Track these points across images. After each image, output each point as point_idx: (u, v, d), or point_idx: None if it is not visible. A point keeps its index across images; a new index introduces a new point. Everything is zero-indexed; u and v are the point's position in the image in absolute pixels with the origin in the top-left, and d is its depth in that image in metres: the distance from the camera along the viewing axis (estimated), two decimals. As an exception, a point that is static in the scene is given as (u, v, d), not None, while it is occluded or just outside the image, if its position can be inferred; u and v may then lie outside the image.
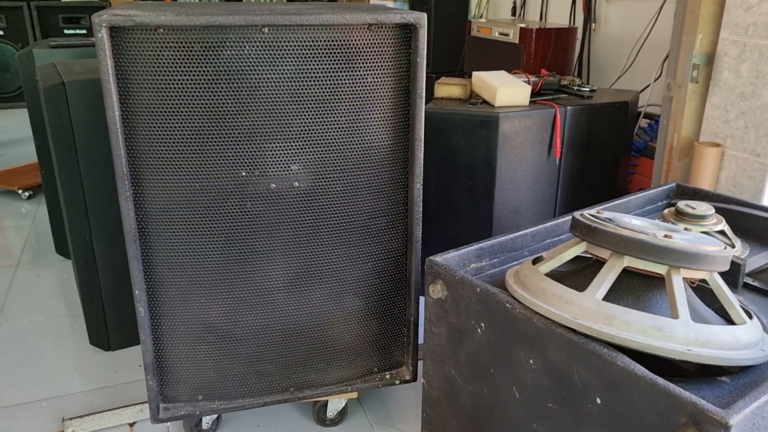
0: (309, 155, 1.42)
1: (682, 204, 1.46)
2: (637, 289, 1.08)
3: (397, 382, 1.69)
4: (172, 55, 1.27)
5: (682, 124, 2.08)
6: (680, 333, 0.97)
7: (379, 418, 1.81)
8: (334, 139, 1.42)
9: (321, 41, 1.34)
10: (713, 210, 1.44)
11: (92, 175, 1.87)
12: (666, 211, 1.51)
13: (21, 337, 2.18)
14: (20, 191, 3.49)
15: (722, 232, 1.41)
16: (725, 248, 1.08)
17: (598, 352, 0.97)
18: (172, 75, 1.28)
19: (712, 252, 1.03)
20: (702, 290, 1.18)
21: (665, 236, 1.06)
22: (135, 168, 1.34)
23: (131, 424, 1.77)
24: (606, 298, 1.04)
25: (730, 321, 1.09)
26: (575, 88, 2.39)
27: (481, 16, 4.41)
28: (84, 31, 5.65)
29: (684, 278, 1.06)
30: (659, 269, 1.05)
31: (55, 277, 2.61)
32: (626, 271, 1.08)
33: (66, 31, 5.62)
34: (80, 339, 2.16)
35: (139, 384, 1.94)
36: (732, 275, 1.28)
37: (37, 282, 2.57)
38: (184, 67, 1.28)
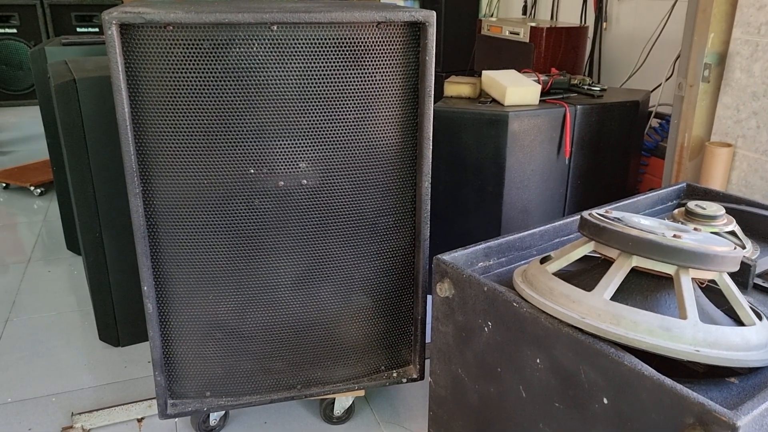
0: (317, 153, 1.42)
1: (692, 204, 1.44)
2: (645, 289, 1.07)
3: (404, 380, 1.69)
4: (181, 53, 1.27)
5: (693, 124, 2.06)
6: (688, 333, 0.96)
7: (386, 416, 1.81)
8: (343, 137, 1.42)
9: (330, 39, 1.34)
10: (724, 210, 1.43)
11: (103, 172, 1.89)
12: (676, 211, 1.50)
13: (31, 332, 2.20)
14: (32, 188, 3.52)
15: (733, 233, 1.40)
16: (735, 249, 1.08)
17: (606, 352, 0.97)
18: (182, 72, 1.29)
19: (722, 252, 1.02)
20: (711, 291, 1.17)
21: (674, 236, 1.05)
22: (144, 165, 1.35)
23: (140, 420, 1.78)
24: (614, 298, 1.04)
25: (739, 322, 1.08)
26: (585, 87, 2.38)
27: (491, 15, 4.40)
28: (96, 29, 5.68)
29: (693, 279, 1.05)
30: (668, 269, 1.04)
31: (65, 273, 2.63)
32: (634, 271, 1.07)
33: (78, 29, 5.66)
34: (90, 335, 2.18)
35: (148, 380, 1.95)
36: (742, 276, 1.27)
37: (48, 278, 2.59)
38: (193, 64, 1.29)
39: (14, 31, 5.46)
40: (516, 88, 2.14)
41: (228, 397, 1.59)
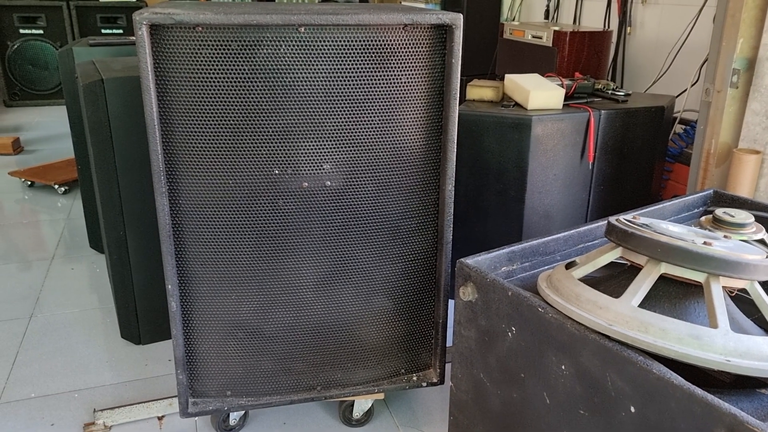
0: (341, 154, 1.42)
1: (720, 211, 1.42)
2: (674, 296, 1.06)
3: (424, 384, 1.68)
4: (209, 53, 1.28)
5: (720, 130, 2.04)
6: (719, 343, 0.94)
7: (405, 419, 1.80)
8: (367, 138, 1.42)
9: (356, 41, 1.34)
10: (752, 218, 1.40)
11: (128, 171, 1.91)
12: (703, 218, 1.48)
13: (54, 329, 2.23)
14: (56, 186, 3.56)
15: (762, 241, 1.38)
16: (767, 257, 1.06)
17: (633, 359, 0.95)
18: (210, 72, 1.30)
19: (754, 261, 1.00)
20: (741, 300, 1.16)
21: (704, 243, 1.03)
22: (171, 164, 1.36)
23: (160, 418, 1.79)
24: (641, 305, 1.02)
25: (770, 332, 1.06)
26: (610, 91, 2.36)
27: (513, 19, 4.38)
28: (120, 31, 5.76)
29: (723, 287, 1.03)
30: (698, 277, 1.03)
31: (88, 271, 2.66)
32: (662, 278, 1.06)
33: (103, 31, 5.74)
34: (112, 332, 2.20)
35: (169, 378, 1.96)
36: (772, 285, 1.25)
37: (71, 275, 2.62)
38: (221, 64, 1.30)
39: (41, 32, 5.55)
40: (540, 92, 2.13)
41: (248, 396, 1.59)
